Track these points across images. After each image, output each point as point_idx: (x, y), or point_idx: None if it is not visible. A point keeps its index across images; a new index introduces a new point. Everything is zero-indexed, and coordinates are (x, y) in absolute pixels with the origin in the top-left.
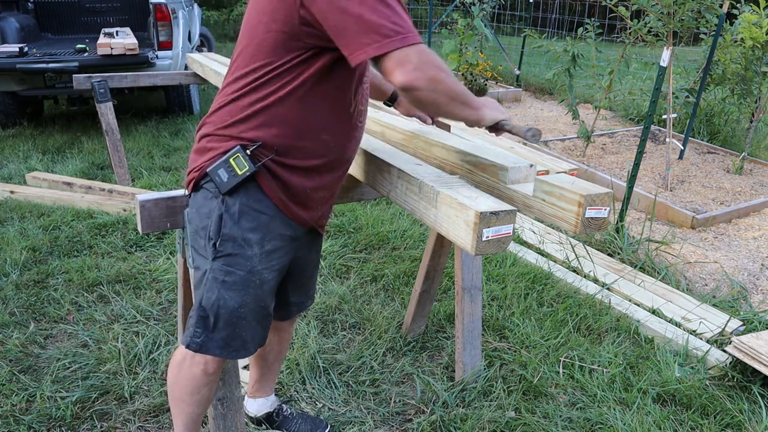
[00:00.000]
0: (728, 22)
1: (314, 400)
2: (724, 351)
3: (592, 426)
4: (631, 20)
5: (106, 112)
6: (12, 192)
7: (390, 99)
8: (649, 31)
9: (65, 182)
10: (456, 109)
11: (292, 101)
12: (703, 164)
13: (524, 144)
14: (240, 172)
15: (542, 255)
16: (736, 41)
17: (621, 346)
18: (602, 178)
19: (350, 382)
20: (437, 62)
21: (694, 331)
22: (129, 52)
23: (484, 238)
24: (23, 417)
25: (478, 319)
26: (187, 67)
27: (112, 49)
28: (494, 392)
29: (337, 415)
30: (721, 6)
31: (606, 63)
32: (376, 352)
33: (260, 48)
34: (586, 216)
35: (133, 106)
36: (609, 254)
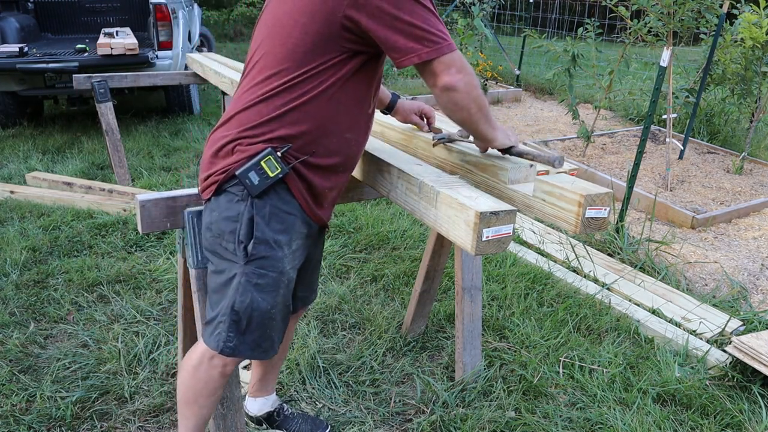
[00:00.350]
0: (728, 22)
1: (314, 400)
2: (724, 351)
3: (592, 426)
4: (631, 20)
5: (106, 112)
6: (12, 192)
7: (387, 107)
8: (649, 31)
9: (65, 182)
10: (480, 120)
11: (323, 100)
12: (703, 164)
13: (524, 144)
14: (272, 175)
15: (542, 255)
16: (736, 41)
17: (621, 346)
18: (602, 178)
19: (350, 382)
20: (470, 69)
21: (694, 331)
22: (129, 52)
23: (484, 238)
24: (23, 417)
25: (478, 319)
26: (187, 67)
27: (112, 49)
28: (494, 392)
29: (337, 415)
30: (721, 6)
31: (606, 63)
32: (376, 352)
33: (296, 49)
34: (586, 216)
35: (133, 106)
36: (609, 254)
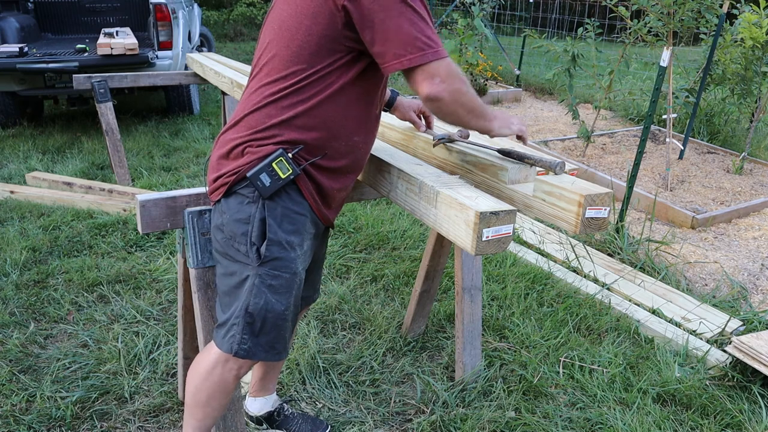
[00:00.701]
0: (728, 22)
1: (314, 400)
2: (724, 351)
3: (592, 426)
4: (631, 20)
5: (106, 112)
6: (12, 192)
7: (386, 104)
8: (649, 31)
9: (65, 182)
10: (472, 120)
11: (332, 103)
12: (703, 164)
13: (524, 144)
14: (283, 176)
15: (542, 255)
16: (736, 41)
17: (621, 346)
18: (602, 178)
19: (350, 382)
20: (461, 76)
21: (694, 331)
22: (129, 52)
23: (484, 238)
24: (23, 417)
25: (478, 319)
26: (187, 67)
27: (112, 49)
28: (494, 392)
29: (337, 415)
30: (721, 6)
31: (606, 63)
32: (376, 352)
33: (301, 51)
34: (586, 216)
35: (133, 106)
36: (609, 254)
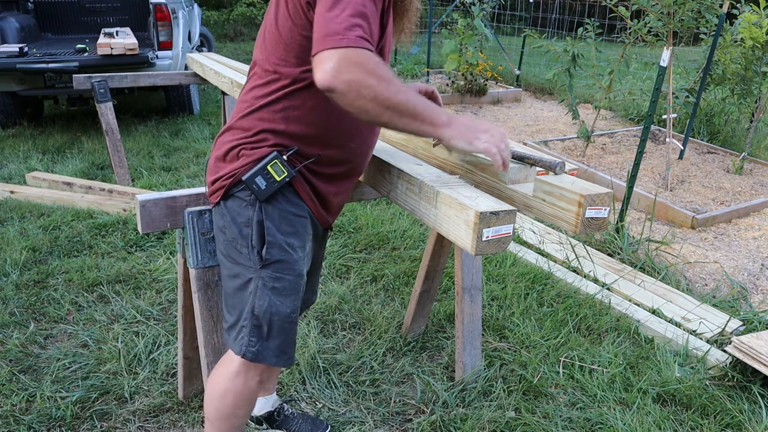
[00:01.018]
0: (728, 22)
1: (314, 400)
2: (724, 351)
3: (592, 426)
4: (631, 20)
5: (106, 112)
6: (12, 192)
7: None
8: (649, 31)
9: (65, 182)
10: (398, 121)
11: (322, 107)
12: (703, 164)
13: (524, 144)
14: (279, 179)
15: (542, 255)
16: (736, 41)
17: (621, 346)
18: (602, 178)
19: (350, 382)
20: (367, 66)
21: (694, 331)
22: (129, 52)
23: (484, 238)
24: (23, 417)
25: (478, 319)
26: (187, 67)
27: (112, 49)
28: (494, 392)
29: (337, 415)
30: (721, 6)
31: (606, 63)
32: (376, 352)
33: (287, 56)
34: (586, 216)
35: (133, 106)
36: (609, 254)
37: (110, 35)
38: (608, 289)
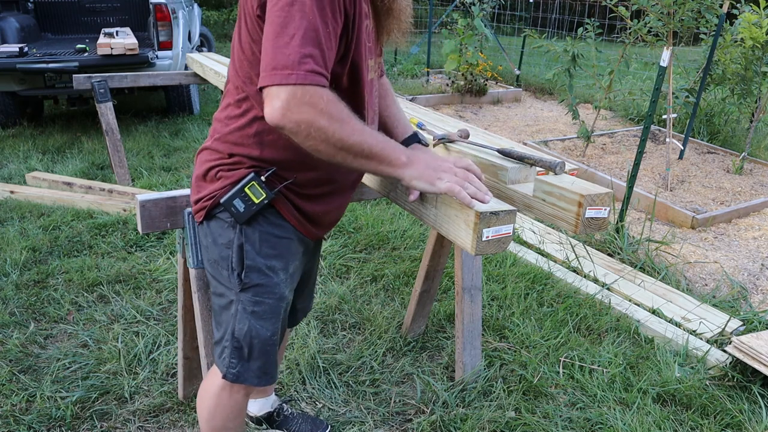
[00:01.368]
0: (728, 22)
1: (314, 400)
2: (724, 351)
3: (592, 426)
4: (631, 20)
5: (106, 112)
6: (12, 192)
7: None
8: (649, 31)
9: (65, 182)
10: (351, 161)
11: None
12: (703, 164)
13: (524, 144)
14: (257, 201)
15: (542, 255)
16: (736, 41)
17: (621, 346)
18: (602, 178)
19: (350, 382)
20: (318, 106)
21: (694, 331)
22: (129, 52)
23: (484, 238)
24: (23, 417)
25: (478, 319)
26: (187, 67)
27: (112, 49)
28: (494, 392)
29: (337, 415)
30: (721, 6)
31: (606, 63)
32: (376, 352)
33: (252, 69)
34: (586, 216)
35: (133, 106)
36: (609, 254)
37: (110, 35)
38: (608, 289)
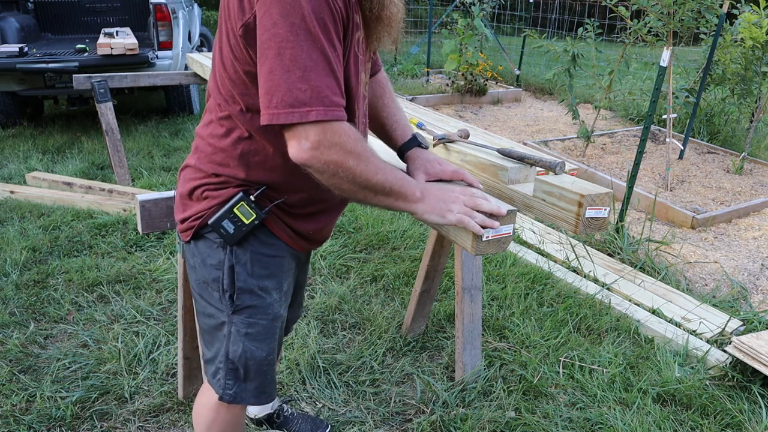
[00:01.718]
0: (728, 22)
1: (314, 400)
2: (724, 351)
3: (592, 426)
4: (631, 20)
5: (106, 112)
6: (12, 192)
7: (398, 151)
8: (649, 31)
9: (65, 182)
10: (371, 198)
11: (287, 154)
12: (703, 164)
13: (524, 143)
14: (247, 221)
15: (542, 255)
16: (736, 41)
17: (621, 346)
18: (602, 178)
19: (350, 382)
20: (347, 146)
21: (694, 331)
22: (129, 52)
23: (484, 238)
24: (23, 417)
25: (478, 319)
26: (187, 67)
27: (112, 49)
28: (494, 392)
29: (337, 415)
30: (721, 6)
31: (606, 63)
32: (376, 352)
33: (234, 87)
34: (586, 216)
35: (133, 106)
36: (609, 254)
37: (110, 35)
38: (608, 289)
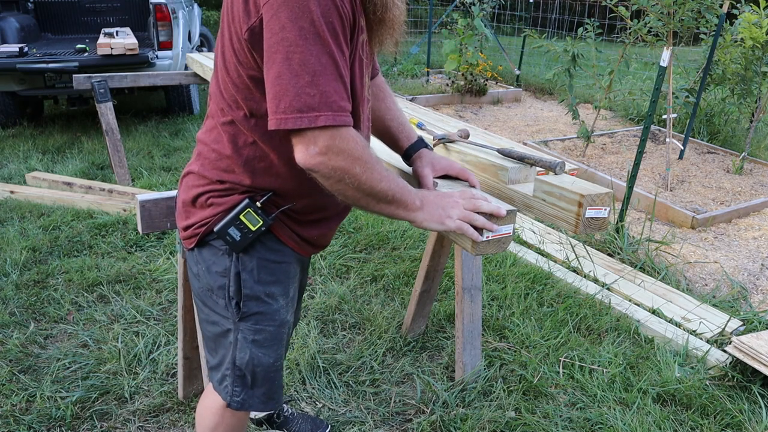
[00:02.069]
0: (728, 22)
1: (314, 400)
2: (724, 351)
3: (592, 426)
4: (631, 20)
5: (106, 112)
6: (12, 192)
7: (404, 155)
8: (649, 31)
9: (65, 182)
10: (373, 205)
11: (293, 160)
12: (703, 164)
13: (524, 143)
14: (254, 228)
15: (542, 255)
16: (736, 41)
17: (621, 346)
18: (602, 178)
19: (350, 382)
20: (354, 153)
21: (694, 331)
22: (129, 52)
23: (484, 238)
24: (23, 417)
25: (478, 319)
26: (187, 67)
27: (112, 49)
28: (494, 392)
29: (337, 415)
30: (721, 6)
31: (606, 63)
32: (376, 352)
33: (237, 92)
34: (586, 216)
35: (133, 106)
36: (609, 254)
37: (110, 35)
38: (608, 289)
